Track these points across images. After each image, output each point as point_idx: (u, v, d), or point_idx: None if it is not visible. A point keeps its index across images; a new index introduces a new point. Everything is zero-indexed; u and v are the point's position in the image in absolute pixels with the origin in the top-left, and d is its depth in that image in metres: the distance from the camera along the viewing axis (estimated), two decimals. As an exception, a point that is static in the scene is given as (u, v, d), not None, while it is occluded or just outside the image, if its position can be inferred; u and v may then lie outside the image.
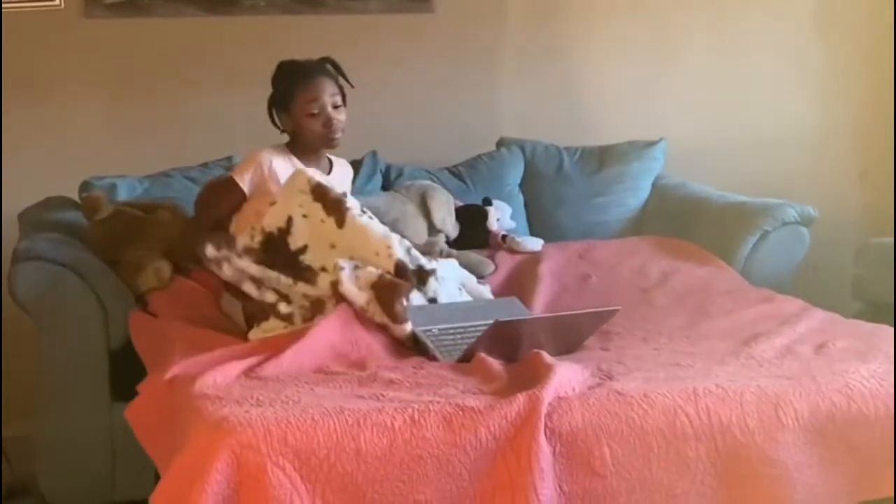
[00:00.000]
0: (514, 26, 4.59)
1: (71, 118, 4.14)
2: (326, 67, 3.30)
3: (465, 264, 3.73)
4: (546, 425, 2.24)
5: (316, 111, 3.22)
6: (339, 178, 3.38)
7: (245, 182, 3.23)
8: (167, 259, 3.45)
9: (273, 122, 3.32)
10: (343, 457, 2.15)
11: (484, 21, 4.55)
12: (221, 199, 3.30)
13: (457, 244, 3.88)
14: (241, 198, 3.25)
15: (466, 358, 2.70)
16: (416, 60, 4.47)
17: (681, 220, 4.10)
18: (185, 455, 2.19)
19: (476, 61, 4.54)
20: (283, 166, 3.24)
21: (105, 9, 4.13)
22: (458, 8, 4.47)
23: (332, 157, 3.44)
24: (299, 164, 3.22)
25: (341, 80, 3.33)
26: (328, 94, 3.24)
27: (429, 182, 4.01)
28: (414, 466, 2.17)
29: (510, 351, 2.69)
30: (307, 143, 3.28)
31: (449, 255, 3.75)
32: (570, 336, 2.85)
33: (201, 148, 4.00)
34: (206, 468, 2.12)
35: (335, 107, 3.25)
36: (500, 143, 4.39)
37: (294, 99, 3.23)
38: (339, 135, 3.27)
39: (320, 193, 2.97)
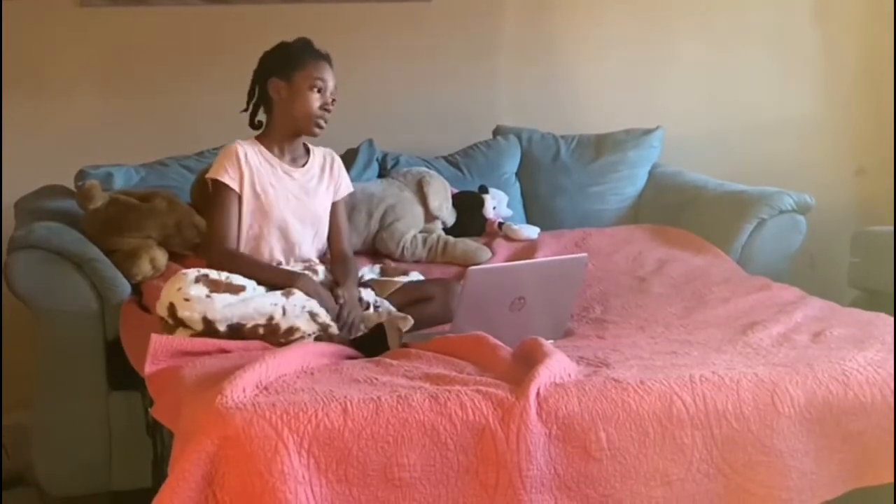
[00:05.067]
0: (511, 15, 4.59)
1: (67, 107, 4.13)
2: (333, 65, 3.16)
3: (462, 251, 3.75)
4: (542, 408, 2.25)
5: (320, 88, 3.08)
6: (319, 168, 3.24)
7: (232, 179, 3.06)
8: (163, 247, 3.45)
9: (251, 95, 3.15)
10: (331, 414, 2.17)
11: (481, 9, 4.54)
12: (226, 213, 3.07)
13: (453, 232, 3.88)
14: (237, 198, 3.08)
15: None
16: (413, 49, 4.46)
17: (677, 209, 4.10)
18: (181, 426, 2.25)
19: (473, 50, 4.54)
20: (255, 160, 3.10)
21: (101, -3, 4.13)
22: (455, -4, 4.48)
23: (313, 147, 3.28)
24: (270, 157, 3.12)
25: None
26: (332, 84, 3.12)
27: (425, 169, 4.01)
28: (400, 429, 2.18)
29: (494, 312, 2.70)
30: (293, 119, 3.10)
31: (446, 243, 3.76)
32: (550, 295, 2.84)
33: (197, 136, 4.00)
34: (194, 431, 2.14)
35: (332, 100, 3.12)
36: (497, 132, 4.39)
37: (302, 68, 3.08)
38: (324, 125, 3.12)
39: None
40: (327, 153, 3.30)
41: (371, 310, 3.06)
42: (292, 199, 3.15)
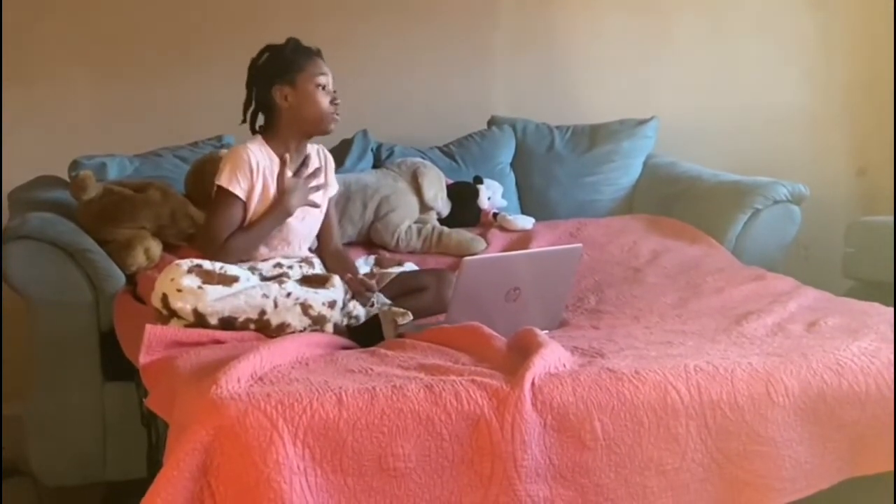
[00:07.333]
0: (506, 4, 4.58)
1: (61, 97, 4.13)
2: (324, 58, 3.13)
3: (457, 242, 3.75)
4: (537, 398, 2.25)
5: (324, 85, 3.05)
6: (315, 165, 3.17)
7: (241, 190, 3.02)
8: (157, 238, 3.44)
9: (248, 101, 3.10)
10: (326, 404, 2.16)
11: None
12: (229, 219, 3.03)
13: (448, 222, 3.88)
14: (242, 207, 3.04)
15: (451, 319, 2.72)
16: (408, 39, 4.45)
17: (672, 199, 4.10)
18: (175, 417, 2.25)
19: (467, 40, 4.53)
20: (263, 160, 3.06)
21: (94, -14, 4.12)
22: (449, -15, 4.47)
23: (309, 145, 3.20)
24: (275, 159, 3.06)
25: None
26: (331, 79, 3.08)
27: (420, 160, 4.00)
28: (395, 418, 2.18)
29: (489, 302, 2.70)
30: (305, 122, 3.06)
31: (440, 233, 3.76)
32: (545, 285, 2.85)
33: (192, 126, 3.99)
34: (189, 421, 2.15)
35: (335, 91, 3.10)
36: (491, 122, 4.39)
37: (303, 70, 3.04)
38: (338, 119, 3.09)
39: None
40: (320, 151, 3.26)
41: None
42: None
